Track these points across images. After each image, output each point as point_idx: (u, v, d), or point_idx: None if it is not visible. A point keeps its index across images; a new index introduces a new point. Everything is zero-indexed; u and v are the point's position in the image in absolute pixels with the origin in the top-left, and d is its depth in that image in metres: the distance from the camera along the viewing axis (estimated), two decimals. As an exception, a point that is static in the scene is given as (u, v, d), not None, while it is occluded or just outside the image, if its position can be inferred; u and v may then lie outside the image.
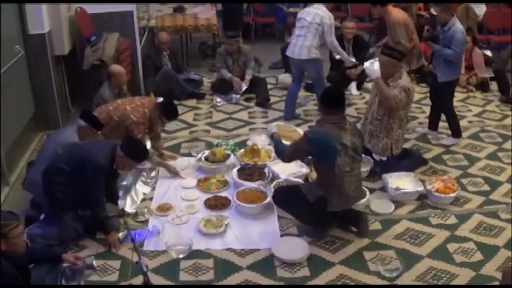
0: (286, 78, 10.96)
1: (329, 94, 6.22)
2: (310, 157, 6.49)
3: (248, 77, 10.48)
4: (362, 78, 10.65)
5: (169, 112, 7.50)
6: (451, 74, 8.18)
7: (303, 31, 9.01)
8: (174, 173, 7.51)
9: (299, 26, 9.10)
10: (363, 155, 7.58)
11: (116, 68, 8.26)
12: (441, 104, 8.45)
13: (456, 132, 8.51)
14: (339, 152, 5.79)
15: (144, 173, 7.36)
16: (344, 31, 10.68)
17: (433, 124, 8.76)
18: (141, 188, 7.14)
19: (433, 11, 11.63)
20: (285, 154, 6.24)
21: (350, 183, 5.96)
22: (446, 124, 8.66)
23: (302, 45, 9.02)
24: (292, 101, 9.58)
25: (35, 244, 5.69)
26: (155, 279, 5.49)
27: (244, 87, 10.34)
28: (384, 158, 7.43)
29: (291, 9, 13.99)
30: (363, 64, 10.34)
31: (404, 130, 7.51)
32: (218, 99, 10.21)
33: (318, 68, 9.28)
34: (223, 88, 10.41)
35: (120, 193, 6.82)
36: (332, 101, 6.01)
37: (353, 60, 10.10)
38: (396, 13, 8.85)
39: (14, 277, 4.52)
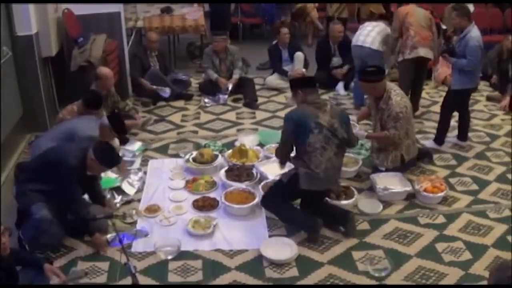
0: (273, 80, 10.99)
1: (301, 79, 6.81)
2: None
3: (235, 76, 10.47)
4: (348, 78, 10.67)
5: (89, 101, 7.45)
6: (464, 83, 8.03)
7: (370, 26, 9.52)
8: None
9: (365, 26, 9.61)
10: (352, 154, 7.65)
11: (104, 71, 8.21)
12: (445, 109, 8.36)
13: (439, 139, 8.42)
14: (312, 130, 5.96)
15: (131, 175, 7.34)
16: (334, 34, 10.73)
17: (460, 134, 8.53)
18: (126, 189, 7.12)
19: (442, 25, 11.76)
20: (280, 147, 6.44)
21: (320, 162, 5.99)
22: (433, 124, 8.72)
23: (367, 34, 9.41)
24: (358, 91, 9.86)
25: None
26: (144, 281, 5.48)
27: (230, 86, 10.33)
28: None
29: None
30: (349, 63, 10.50)
31: (413, 137, 7.44)
32: (206, 100, 10.19)
33: (377, 61, 9.30)
34: (210, 89, 10.40)
35: (108, 195, 6.84)
36: (305, 83, 6.37)
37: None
38: (402, 7, 9.35)
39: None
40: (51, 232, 5.86)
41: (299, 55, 10.90)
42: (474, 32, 7.83)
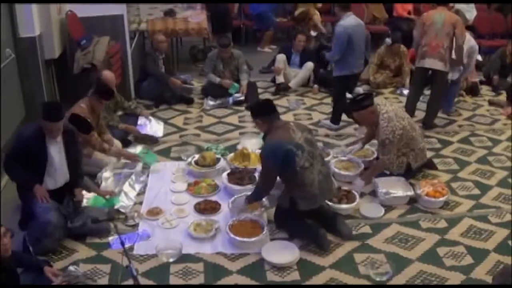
0: (282, 57, 11.21)
1: (260, 105, 6.63)
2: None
3: (244, 83, 10.48)
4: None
5: (102, 91, 7.42)
6: (342, 69, 8.65)
7: None
8: (132, 158, 7.71)
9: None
10: (354, 158, 7.66)
11: (107, 75, 8.21)
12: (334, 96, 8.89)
13: (334, 118, 9.22)
14: (295, 153, 5.91)
15: (133, 177, 7.35)
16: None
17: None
18: (127, 191, 7.12)
19: None
20: (260, 187, 6.41)
21: (312, 180, 6.02)
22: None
23: None
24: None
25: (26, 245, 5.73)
26: (145, 283, 5.49)
27: (242, 97, 10.34)
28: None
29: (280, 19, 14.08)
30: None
31: (420, 145, 7.38)
32: (211, 103, 10.18)
33: (455, 71, 9.61)
34: (214, 91, 10.41)
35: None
36: (266, 109, 6.30)
37: None
38: (425, 14, 9.31)
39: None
40: (55, 235, 5.93)
41: (309, 64, 11.02)
42: (344, 21, 8.24)
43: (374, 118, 7.14)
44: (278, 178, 6.23)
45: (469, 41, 9.45)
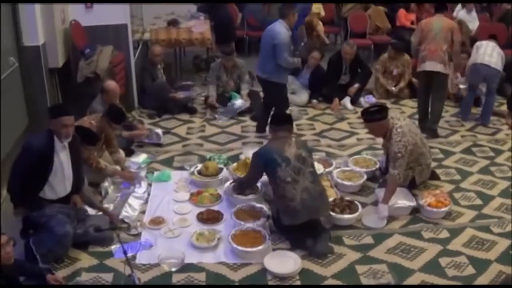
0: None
1: (278, 116, 7.04)
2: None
3: (244, 92, 10.54)
4: (356, 94, 10.75)
5: (115, 116, 7.40)
6: None
7: (490, 46, 9.95)
8: (130, 178, 7.55)
9: (484, 45, 9.96)
10: (357, 169, 7.65)
11: (111, 85, 8.23)
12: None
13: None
14: (279, 164, 6.15)
15: (133, 188, 7.39)
16: (344, 55, 10.78)
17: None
18: (132, 202, 7.11)
19: None
20: (244, 179, 7.09)
21: (294, 194, 6.11)
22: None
23: (491, 54, 9.82)
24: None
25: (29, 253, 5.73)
26: (147, 292, 5.49)
27: (246, 105, 10.39)
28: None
29: None
30: (360, 82, 10.55)
31: (428, 161, 7.40)
32: (221, 110, 10.32)
33: (497, 81, 9.96)
34: (218, 100, 10.47)
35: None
36: (280, 120, 6.71)
37: None
38: (424, 20, 9.73)
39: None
40: (69, 245, 6.00)
41: (304, 96, 11.03)
42: None
43: (386, 131, 7.11)
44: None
45: (500, 50, 9.87)
